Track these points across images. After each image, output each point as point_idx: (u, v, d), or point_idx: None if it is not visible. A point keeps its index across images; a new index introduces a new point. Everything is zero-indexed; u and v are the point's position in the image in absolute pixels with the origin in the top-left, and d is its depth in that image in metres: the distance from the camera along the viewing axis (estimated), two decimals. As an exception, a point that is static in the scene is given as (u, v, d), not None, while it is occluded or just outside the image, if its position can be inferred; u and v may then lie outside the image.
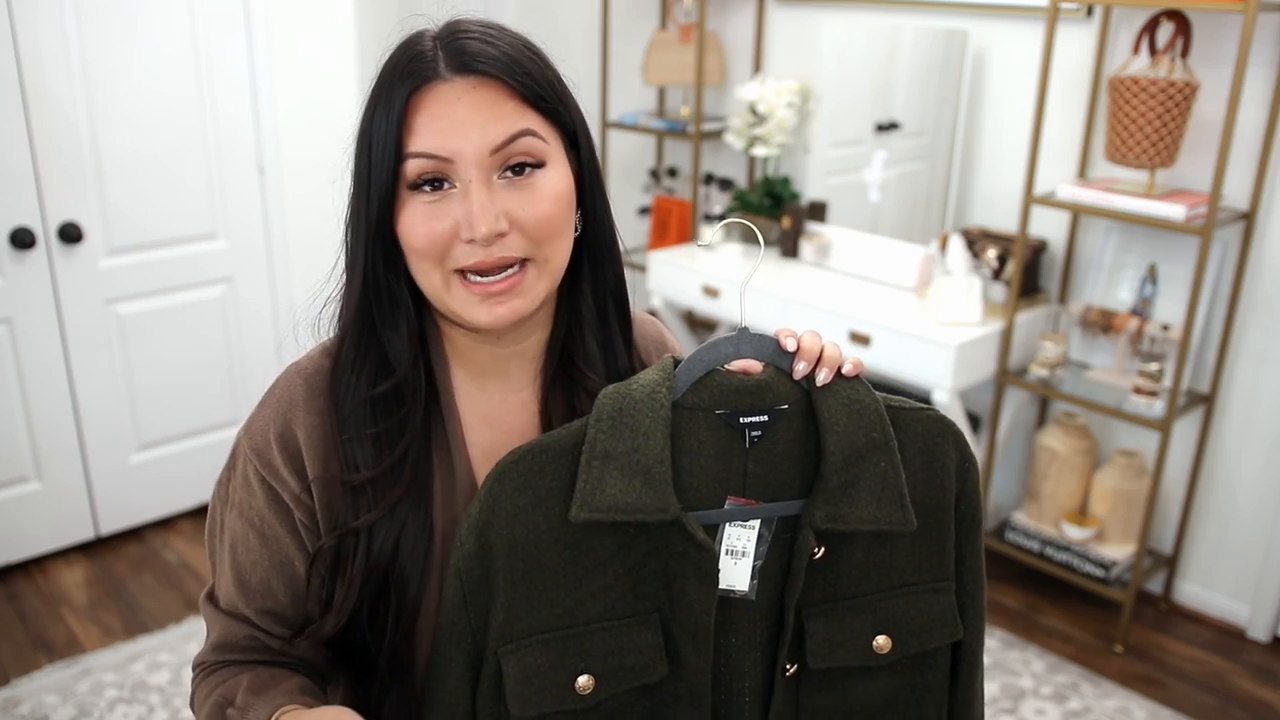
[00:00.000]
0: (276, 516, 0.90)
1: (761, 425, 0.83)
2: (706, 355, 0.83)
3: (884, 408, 0.85)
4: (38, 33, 2.51)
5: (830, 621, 0.86)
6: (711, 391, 0.82)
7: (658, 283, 3.29)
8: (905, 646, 0.88)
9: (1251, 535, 2.61)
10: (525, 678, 0.81)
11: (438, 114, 0.83)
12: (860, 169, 3.08)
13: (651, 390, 0.81)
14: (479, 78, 0.84)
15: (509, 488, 0.81)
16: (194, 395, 3.00)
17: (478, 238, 0.82)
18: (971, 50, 2.81)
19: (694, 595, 0.82)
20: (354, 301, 0.89)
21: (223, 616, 0.93)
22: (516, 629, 0.81)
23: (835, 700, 0.89)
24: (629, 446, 0.79)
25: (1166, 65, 2.36)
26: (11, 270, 2.61)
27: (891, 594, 0.88)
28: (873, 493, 0.83)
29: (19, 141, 2.53)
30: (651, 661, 0.83)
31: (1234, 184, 2.42)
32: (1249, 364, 2.53)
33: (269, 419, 0.90)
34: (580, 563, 0.81)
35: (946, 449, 0.88)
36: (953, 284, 2.67)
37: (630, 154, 3.92)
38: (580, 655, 0.82)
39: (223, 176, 2.90)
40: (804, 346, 0.84)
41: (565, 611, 0.82)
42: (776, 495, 0.84)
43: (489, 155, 0.83)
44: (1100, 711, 2.34)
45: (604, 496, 0.79)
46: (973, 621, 0.92)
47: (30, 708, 2.28)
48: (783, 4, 3.27)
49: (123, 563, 2.86)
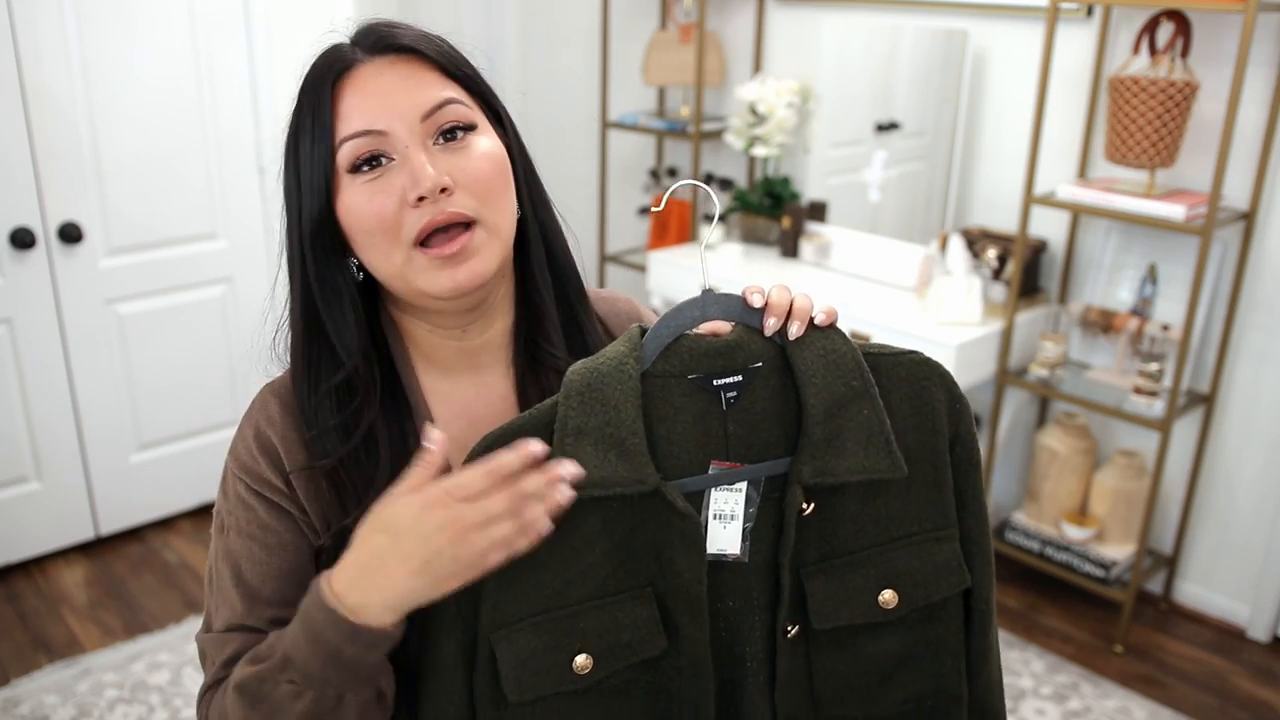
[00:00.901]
0: (281, 524, 0.90)
1: (736, 386, 0.82)
2: (672, 321, 0.82)
3: (861, 355, 0.83)
4: (38, 33, 2.51)
5: (830, 579, 0.85)
6: (681, 357, 0.81)
7: (658, 283, 3.28)
8: (912, 599, 0.86)
9: (1251, 535, 2.61)
10: (520, 662, 0.80)
11: (364, 91, 0.85)
12: (860, 169, 3.08)
13: (619, 362, 0.80)
14: (396, 54, 0.87)
15: None
16: (194, 395, 3.00)
17: (425, 192, 0.83)
18: (971, 50, 2.81)
19: (683, 564, 0.81)
20: (298, 305, 0.91)
21: (229, 635, 0.89)
22: (506, 614, 0.80)
23: (847, 661, 0.88)
24: (600, 421, 0.78)
25: (1166, 65, 2.36)
26: (11, 270, 2.61)
27: (891, 546, 0.86)
28: (858, 442, 0.81)
29: (19, 141, 2.54)
30: (649, 636, 0.82)
31: (1234, 184, 2.42)
32: (1249, 364, 2.53)
33: (249, 436, 0.92)
34: (565, 542, 0.80)
35: (934, 391, 0.86)
36: (953, 284, 2.67)
37: (630, 154, 3.92)
38: (575, 635, 0.81)
39: (223, 176, 2.90)
40: (772, 301, 0.83)
41: (555, 593, 0.81)
42: (761, 455, 0.83)
43: (420, 122, 0.85)
44: (1100, 711, 2.34)
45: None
46: (980, 567, 0.90)
47: (30, 708, 2.28)
48: (783, 4, 3.27)
49: (123, 563, 2.86)
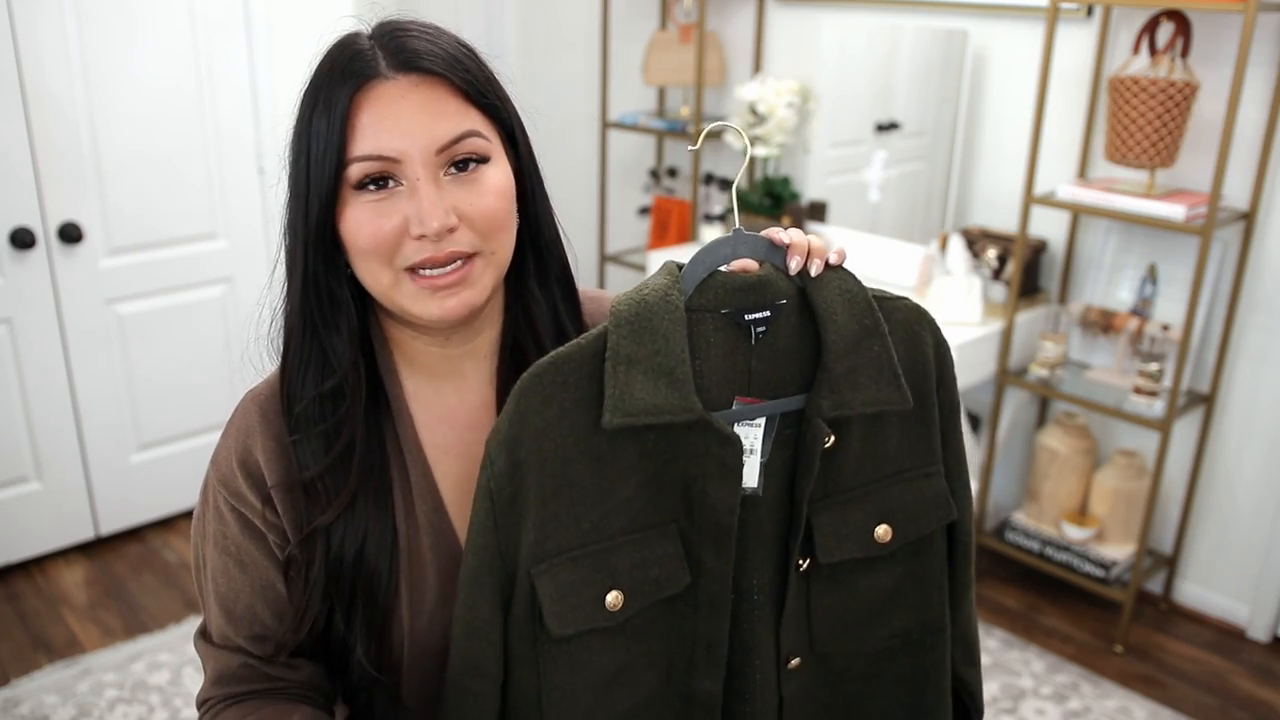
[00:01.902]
0: (252, 542, 0.90)
1: (765, 321, 0.84)
2: (707, 257, 0.84)
3: (870, 295, 0.87)
4: (38, 33, 2.51)
5: (834, 514, 0.87)
6: (716, 291, 0.83)
7: (658, 283, 3.28)
8: (904, 534, 0.90)
9: (1251, 535, 2.61)
10: (560, 596, 0.80)
11: (382, 113, 0.82)
12: (860, 169, 3.08)
13: (664, 293, 0.81)
14: (421, 75, 0.84)
15: (534, 401, 0.79)
16: (194, 395, 3.00)
17: (429, 233, 0.82)
18: (971, 50, 2.81)
19: (716, 495, 0.82)
20: (296, 305, 0.89)
21: (216, 650, 0.93)
22: (547, 547, 0.80)
23: (843, 596, 0.90)
24: (650, 350, 0.79)
25: (1166, 65, 2.36)
26: (11, 270, 2.61)
27: (886, 483, 0.89)
28: (870, 376, 0.84)
29: (19, 141, 2.53)
30: (675, 572, 0.83)
31: (1234, 184, 2.42)
32: (1249, 364, 2.53)
33: (231, 449, 0.90)
34: (605, 474, 0.81)
35: (924, 335, 0.89)
36: (953, 284, 2.67)
37: (630, 154, 3.92)
38: (608, 571, 0.81)
39: (223, 176, 2.90)
40: (795, 241, 0.85)
41: (592, 527, 0.81)
42: (778, 392, 0.85)
43: (435, 154, 0.83)
44: (1100, 711, 2.34)
45: (633, 401, 0.78)
46: (962, 502, 0.95)
47: (30, 708, 2.28)
48: (783, 4, 3.27)
49: (123, 563, 2.86)
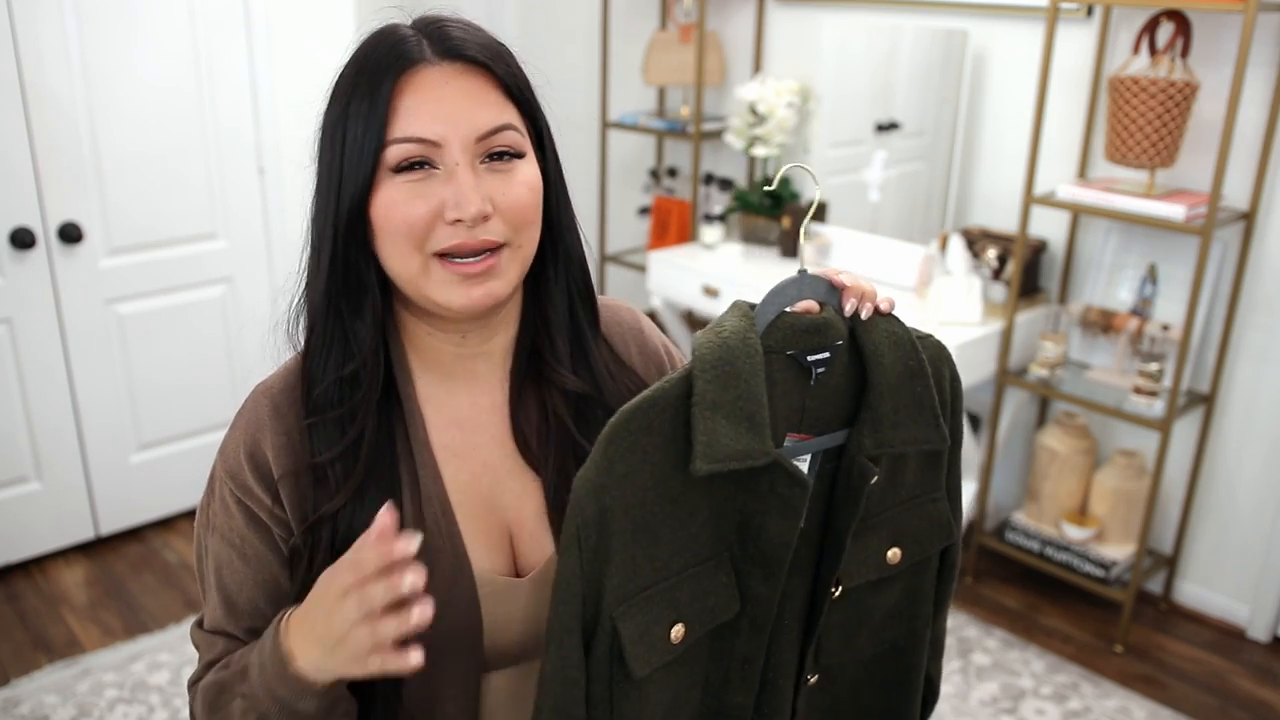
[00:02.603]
0: (257, 535, 0.90)
1: (825, 362, 0.86)
2: (777, 299, 0.86)
3: (914, 338, 0.90)
4: (38, 33, 2.51)
5: (856, 541, 0.90)
6: (784, 332, 0.85)
7: (657, 283, 3.28)
8: (911, 555, 0.94)
9: (1251, 535, 2.61)
10: (639, 637, 0.81)
11: (426, 97, 0.83)
12: (860, 169, 3.08)
13: (744, 336, 0.83)
14: (466, 64, 0.85)
15: (621, 448, 0.80)
16: (194, 395, 3.00)
17: (466, 218, 0.82)
18: (971, 50, 2.81)
19: (775, 530, 0.84)
20: (321, 288, 0.90)
21: (213, 637, 0.93)
22: (628, 589, 0.81)
23: (851, 614, 0.94)
24: (734, 395, 0.80)
25: (1166, 65, 2.36)
26: (11, 270, 2.61)
27: (899, 508, 0.93)
28: (912, 416, 0.88)
29: (19, 141, 2.53)
30: (728, 600, 0.85)
31: (1234, 184, 2.42)
32: (1249, 364, 2.53)
33: (239, 441, 0.90)
34: (679, 514, 0.83)
35: (944, 370, 0.94)
36: (953, 284, 2.67)
37: (630, 154, 3.92)
38: (674, 606, 0.83)
39: (223, 176, 2.90)
40: (851, 284, 0.88)
41: (663, 564, 0.83)
42: (824, 429, 0.88)
43: (475, 141, 0.84)
44: (1100, 711, 2.34)
45: (720, 447, 0.79)
46: (958, 523, 1.00)
47: (30, 708, 2.28)
48: (783, 4, 3.27)
49: (123, 563, 2.86)
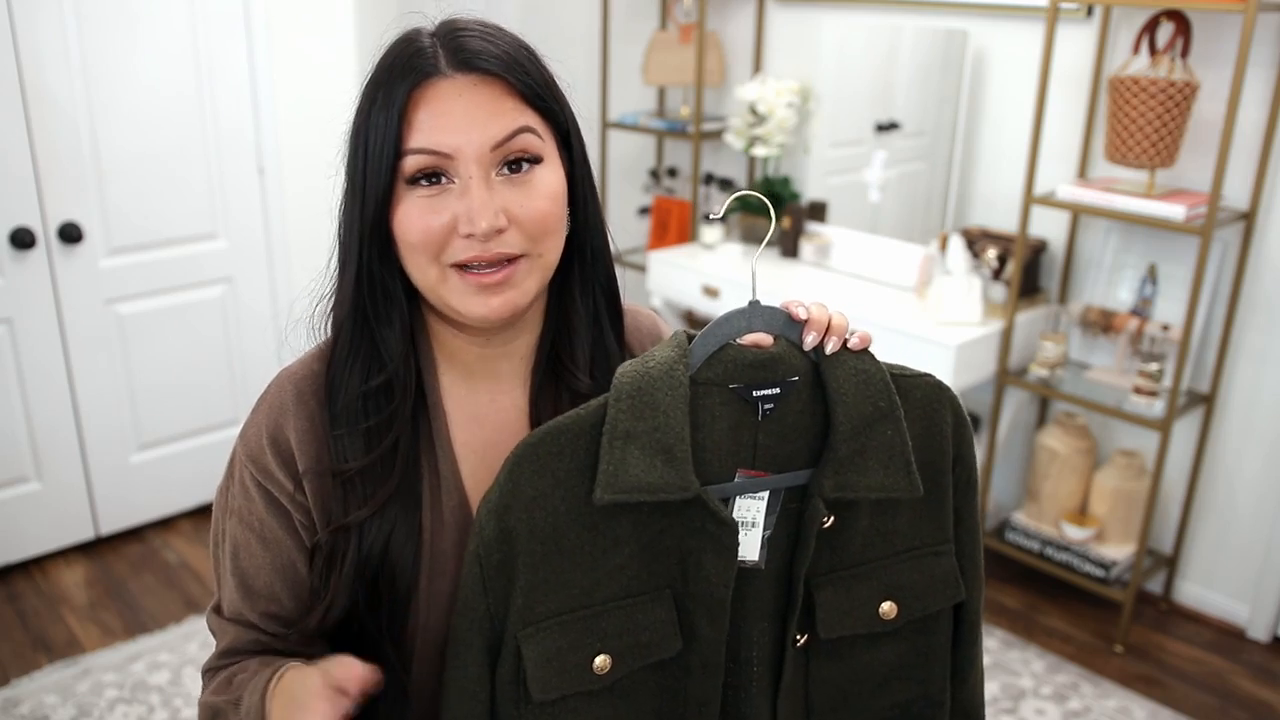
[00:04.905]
0: (276, 520, 0.90)
1: (774, 398, 0.83)
2: (720, 330, 0.83)
3: (889, 377, 0.86)
4: (38, 33, 2.51)
5: (838, 590, 0.87)
6: (725, 366, 0.82)
7: (657, 283, 3.28)
8: (910, 611, 0.89)
9: (1251, 535, 2.61)
10: (545, 660, 0.80)
11: (439, 110, 0.83)
12: (860, 169, 3.08)
13: (669, 367, 0.81)
14: (480, 75, 0.84)
15: (528, 471, 0.80)
16: (194, 395, 3.00)
17: (478, 233, 0.82)
18: (971, 50, 2.81)
19: (711, 569, 0.82)
20: (348, 297, 0.89)
21: (228, 624, 0.93)
22: (536, 612, 0.81)
23: (843, 669, 0.90)
24: (650, 425, 0.79)
25: (1166, 65, 2.36)
26: (11, 270, 2.61)
27: (895, 559, 0.89)
28: (880, 461, 0.84)
29: (19, 141, 2.53)
30: (665, 638, 0.83)
31: (1234, 184, 2.42)
32: (1249, 364, 2.53)
33: (261, 424, 0.90)
34: (598, 543, 0.81)
35: (944, 414, 0.89)
36: (953, 284, 2.67)
37: (630, 154, 3.92)
38: (597, 635, 0.81)
39: (223, 176, 2.90)
40: (813, 317, 0.85)
41: (582, 592, 0.82)
42: (785, 466, 0.85)
43: (489, 151, 0.84)
44: (1100, 711, 2.34)
45: (627, 477, 0.78)
46: (973, 581, 0.93)
47: (30, 708, 2.28)
48: (783, 4, 3.27)
49: (123, 563, 2.86)
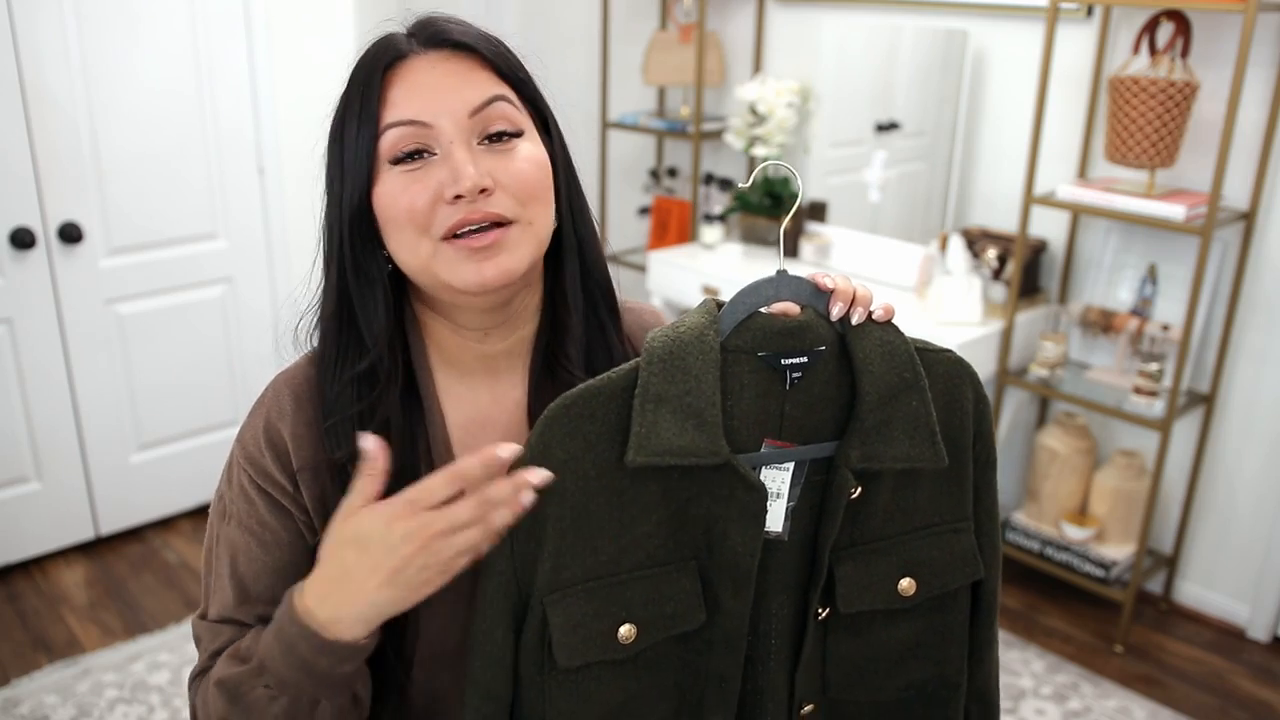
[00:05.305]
0: (278, 521, 0.90)
1: (801, 367, 0.83)
2: (748, 298, 0.83)
3: (914, 349, 0.86)
4: (38, 33, 2.51)
5: (858, 565, 0.87)
6: (754, 333, 0.82)
7: (658, 283, 3.29)
8: (928, 588, 0.89)
9: (1251, 535, 2.61)
10: (570, 627, 0.80)
11: (414, 82, 0.85)
12: (860, 169, 3.08)
13: (700, 333, 0.81)
14: (451, 49, 0.87)
15: (559, 433, 0.79)
16: (194, 395, 3.00)
17: (464, 191, 0.82)
18: (971, 50, 2.81)
19: (738, 538, 0.82)
20: (332, 286, 0.90)
21: (221, 626, 0.91)
22: (562, 577, 0.80)
23: (860, 646, 0.90)
24: (681, 389, 0.78)
25: (1166, 65, 2.36)
26: (11, 270, 2.61)
27: (914, 535, 0.89)
28: (905, 431, 0.83)
29: (19, 141, 2.53)
30: (690, 609, 0.83)
31: (1234, 184, 2.42)
32: (1249, 364, 2.53)
33: (258, 428, 0.90)
34: (626, 510, 0.81)
35: (965, 390, 0.89)
36: (953, 284, 2.67)
37: (630, 154, 3.92)
38: (623, 604, 0.81)
39: (223, 176, 2.90)
40: (840, 287, 0.85)
41: (609, 559, 0.81)
42: (810, 438, 0.85)
43: (467, 118, 0.85)
44: (1100, 711, 2.34)
45: (659, 440, 0.77)
46: (990, 559, 0.93)
47: (30, 708, 2.28)
48: (783, 4, 3.27)
49: (123, 563, 2.86)
